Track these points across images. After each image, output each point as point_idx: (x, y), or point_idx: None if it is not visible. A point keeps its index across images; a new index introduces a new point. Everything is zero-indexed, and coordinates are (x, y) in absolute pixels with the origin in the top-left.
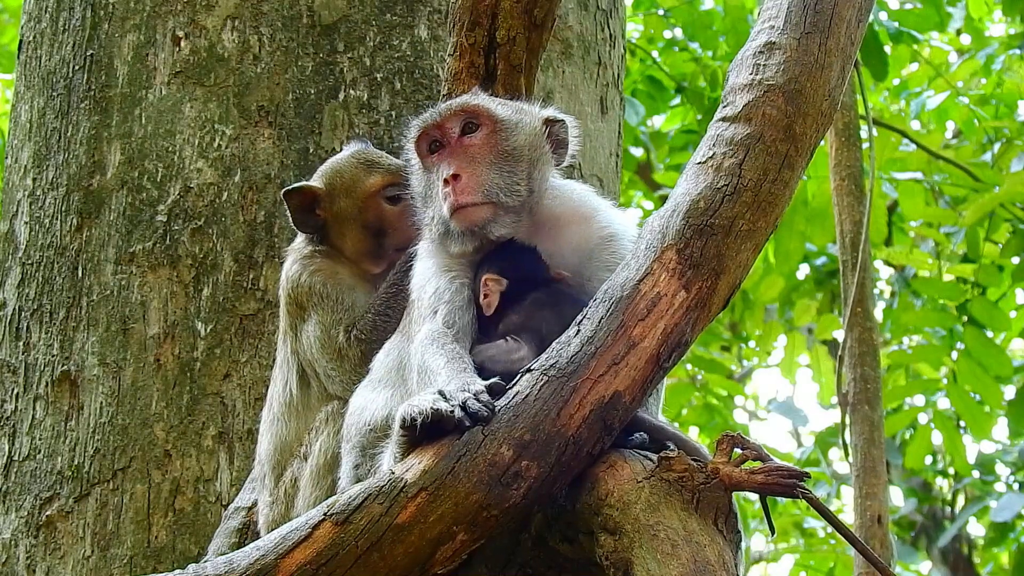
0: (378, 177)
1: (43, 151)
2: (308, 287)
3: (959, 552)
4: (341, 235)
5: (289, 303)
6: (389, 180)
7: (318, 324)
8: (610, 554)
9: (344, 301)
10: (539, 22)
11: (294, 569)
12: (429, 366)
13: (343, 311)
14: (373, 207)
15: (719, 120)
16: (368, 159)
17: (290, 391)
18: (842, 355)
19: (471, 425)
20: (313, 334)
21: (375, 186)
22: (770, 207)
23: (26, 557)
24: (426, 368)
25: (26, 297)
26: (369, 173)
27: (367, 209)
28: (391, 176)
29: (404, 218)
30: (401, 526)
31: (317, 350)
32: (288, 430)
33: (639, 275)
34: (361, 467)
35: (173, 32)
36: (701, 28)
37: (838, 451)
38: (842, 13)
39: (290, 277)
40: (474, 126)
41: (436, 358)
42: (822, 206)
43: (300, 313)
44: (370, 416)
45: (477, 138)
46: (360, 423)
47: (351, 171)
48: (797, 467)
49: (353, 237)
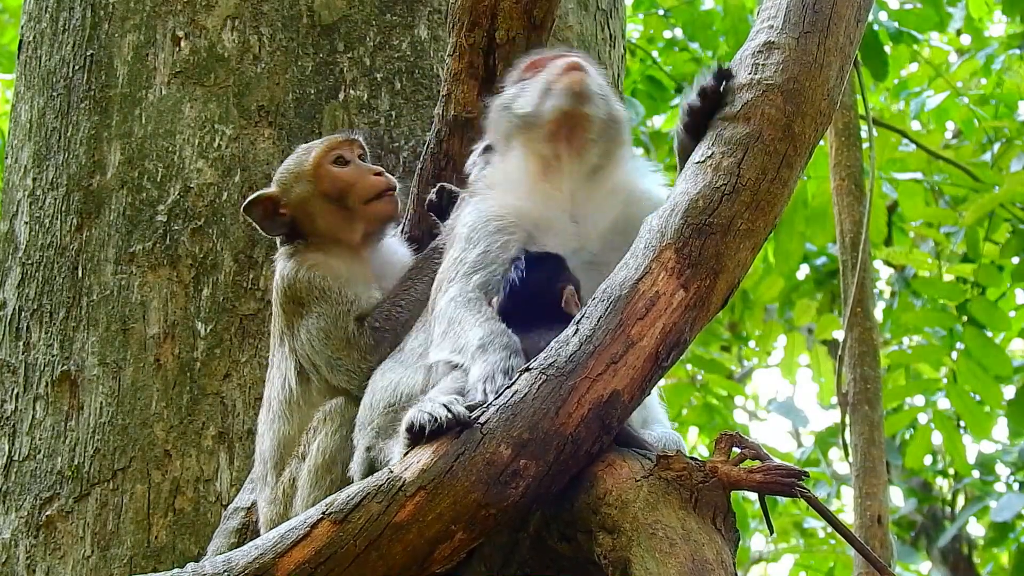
0: (317, 149)
1: (43, 151)
2: (307, 282)
3: (959, 552)
4: (311, 219)
5: (285, 302)
6: (328, 146)
7: (321, 316)
8: (608, 553)
9: (345, 292)
10: (539, 22)
11: (292, 568)
12: (462, 319)
13: (347, 301)
14: (324, 175)
15: (718, 119)
16: (305, 145)
17: (289, 387)
18: (842, 355)
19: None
20: (315, 327)
21: (317, 157)
22: (769, 206)
23: (26, 557)
24: (458, 320)
25: (26, 297)
26: (308, 151)
27: (320, 180)
28: (328, 143)
29: (357, 175)
30: (399, 525)
31: (320, 342)
32: (290, 426)
33: (638, 274)
34: (373, 448)
35: (173, 32)
36: (701, 28)
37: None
38: (841, 12)
39: (285, 276)
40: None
41: (471, 315)
42: (822, 206)
43: (298, 310)
44: (408, 389)
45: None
46: (394, 397)
47: (293, 160)
48: (796, 466)
49: (321, 214)
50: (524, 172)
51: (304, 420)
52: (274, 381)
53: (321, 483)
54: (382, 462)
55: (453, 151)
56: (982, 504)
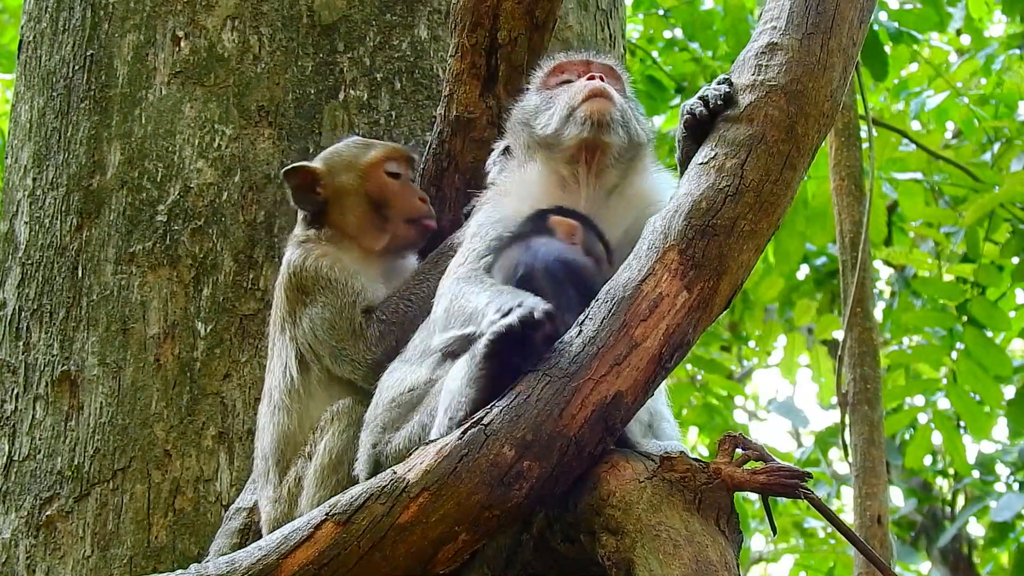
0: (378, 151)
1: (43, 151)
2: (314, 271)
3: (959, 552)
4: (342, 211)
5: (290, 288)
6: (389, 154)
7: (326, 307)
8: (612, 554)
9: (352, 284)
10: (541, 23)
11: (296, 569)
12: (464, 291)
13: (354, 293)
14: (375, 178)
15: (721, 121)
16: (364, 141)
17: (290, 375)
18: (842, 355)
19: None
20: (319, 316)
21: (376, 158)
22: (772, 207)
23: (26, 557)
24: (460, 293)
25: (26, 297)
26: (368, 149)
27: (368, 180)
28: (390, 150)
29: (405, 192)
30: (403, 526)
31: (324, 332)
32: (290, 418)
33: (641, 275)
34: (379, 444)
35: (173, 32)
36: (701, 28)
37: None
38: (844, 13)
39: (292, 263)
40: (612, 78)
41: (473, 285)
42: (822, 206)
43: (302, 298)
44: (412, 381)
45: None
46: (397, 392)
47: (350, 150)
48: (799, 467)
49: (355, 211)
50: (540, 186)
51: (304, 412)
52: (275, 371)
53: (327, 483)
54: (388, 456)
55: (455, 151)
56: (982, 504)
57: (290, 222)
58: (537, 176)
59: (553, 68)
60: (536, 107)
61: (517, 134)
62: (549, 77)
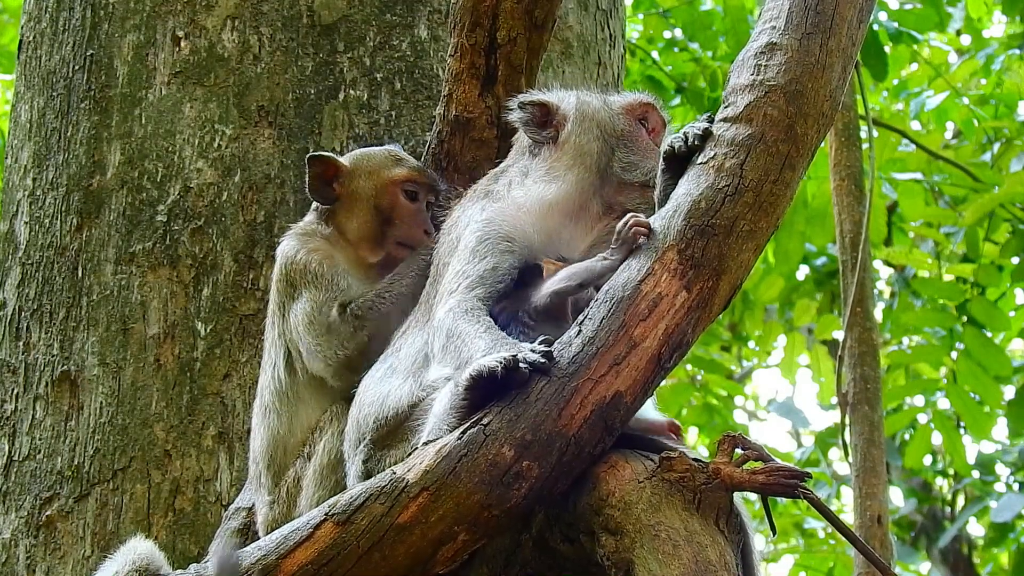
0: (404, 169)
1: (43, 151)
2: (303, 265)
3: (959, 552)
4: (349, 214)
5: (280, 280)
6: (414, 175)
7: (308, 301)
8: (611, 554)
9: (337, 281)
10: (540, 23)
11: (296, 569)
12: (462, 332)
13: (337, 290)
14: (390, 194)
15: (720, 121)
16: (398, 155)
17: (279, 377)
18: (842, 355)
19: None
20: (302, 311)
21: (399, 175)
22: (771, 207)
23: (26, 557)
24: (458, 333)
25: (26, 297)
26: (396, 164)
27: (384, 194)
28: (416, 173)
29: (414, 217)
30: (403, 526)
31: (304, 326)
32: (280, 421)
33: (640, 275)
34: (371, 460)
35: (173, 32)
36: (701, 28)
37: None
38: (843, 13)
39: (285, 254)
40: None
41: (471, 325)
42: (822, 206)
43: (291, 292)
44: (395, 401)
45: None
46: (381, 411)
47: (379, 158)
48: (798, 467)
49: (361, 218)
50: (556, 208)
51: (294, 415)
52: (266, 369)
53: (326, 483)
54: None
55: (454, 151)
56: (982, 504)
57: (290, 222)
58: (557, 196)
59: (640, 110)
60: (610, 131)
61: (564, 149)
62: (630, 118)
